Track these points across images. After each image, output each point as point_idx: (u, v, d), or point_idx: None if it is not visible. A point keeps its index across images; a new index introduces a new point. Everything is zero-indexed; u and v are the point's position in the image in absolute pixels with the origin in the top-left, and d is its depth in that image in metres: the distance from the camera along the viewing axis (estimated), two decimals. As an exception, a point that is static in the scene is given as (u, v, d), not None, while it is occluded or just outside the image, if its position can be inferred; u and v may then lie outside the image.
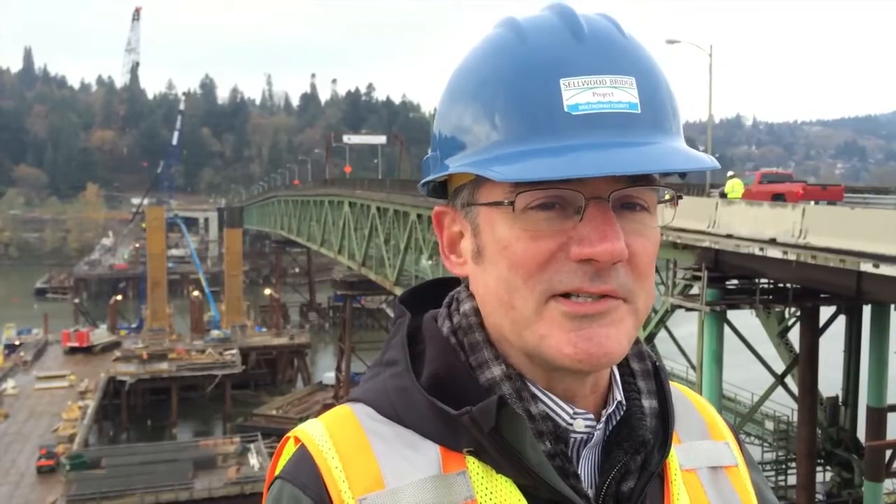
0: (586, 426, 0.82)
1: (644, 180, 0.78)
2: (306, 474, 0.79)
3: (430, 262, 31.77)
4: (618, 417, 0.85)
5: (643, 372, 0.88)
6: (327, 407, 48.09)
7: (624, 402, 0.85)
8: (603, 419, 0.83)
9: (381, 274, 37.79)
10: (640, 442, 0.83)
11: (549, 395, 0.82)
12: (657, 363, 0.90)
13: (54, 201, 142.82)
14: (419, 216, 31.57)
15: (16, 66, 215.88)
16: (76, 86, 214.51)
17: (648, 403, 0.86)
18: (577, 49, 0.77)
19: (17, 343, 57.06)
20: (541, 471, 0.77)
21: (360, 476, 0.78)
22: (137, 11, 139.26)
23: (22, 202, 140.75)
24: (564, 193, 0.76)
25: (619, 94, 0.75)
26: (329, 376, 52.25)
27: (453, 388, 0.82)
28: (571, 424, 0.81)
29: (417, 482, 0.77)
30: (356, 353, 47.07)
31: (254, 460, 34.67)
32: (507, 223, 0.78)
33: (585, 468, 0.83)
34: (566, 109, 0.74)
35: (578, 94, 0.75)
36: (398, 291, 36.92)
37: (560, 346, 0.76)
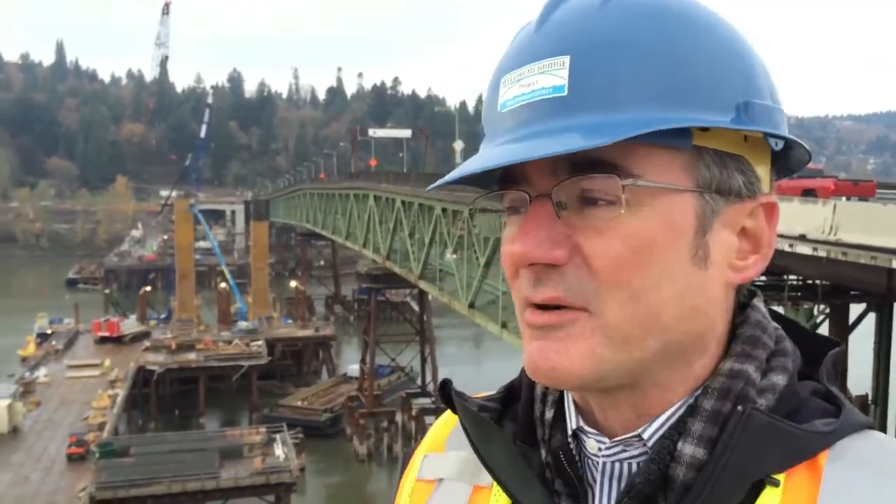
0: (598, 449, 0.73)
1: (588, 169, 0.66)
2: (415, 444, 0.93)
3: (454, 256, 31.77)
4: (637, 452, 0.72)
5: (711, 413, 0.69)
6: (352, 399, 48.66)
7: (644, 437, 0.71)
8: (609, 447, 0.73)
9: (406, 267, 37.88)
10: (629, 485, 0.71)
11: (574, 405, 0.76)
12: (748, 411, 0.66)
13: (85, 193, 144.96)
14: (444, 210, 31.57)
15: (48, 59, 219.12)
16: (107, 79, 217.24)
17: (690, 450, 0.67)
18: (530, 39, 0.70)
19: (48, 332, 58.03)
20: (498, 471, 0.75)
21: (435, 439, 0.88)
22: (167, 6, 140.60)
23: (53, 194, 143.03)
24: (516, 195, 0.71)
25: (544, 79, 0.67)
26: (353, 368, 52.53)
27: (517, 380, 0.84)
28: (570, 441, 0.75)
29: (463, 454, 0.82)
30: (380, 345, 47.25)
31: (279, 450, 34.98)
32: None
33: (606, 495, 0.74)
34: (499, 108, 0.70)
35: (509, 88, 0.69)
36: (422, 285, 37.00)
37: (525, 357, 0.72)
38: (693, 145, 0.67)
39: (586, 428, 0.74)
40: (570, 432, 0.75)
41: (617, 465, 0.72)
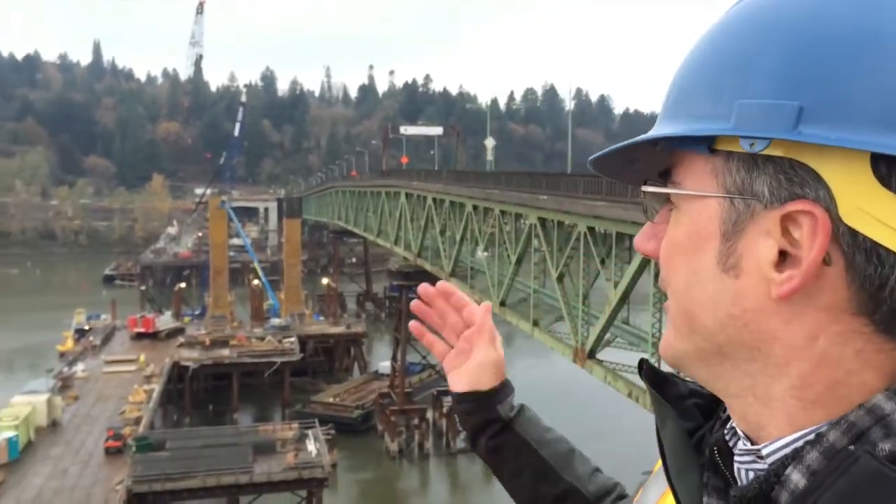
0: (741, 449, 0.71)
1: (652, 181, 0.76)
2: None
3: (485, 254, 31.73)
4: (763, 466, 0.69)
5: (829, 446, 0.62)
6: (383, 396, 48.99)
7: (763, 453, 0.68)
8: (742, 453, 0.71)
9: (437, 265, 37.92)
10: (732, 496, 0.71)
11: None
12: (857, 453, 0.59)
13: (122, 191, 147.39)
14: (475, 207, 31.54)
15: (85, 59, 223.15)
16: (143, 79, 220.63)
17: (796, 477, 0.62)
18: None
19: (86, 328, 59.11)
20: (666, 451, 0.76)
21: None
22: (201, 5, 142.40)
23: (91, 192, 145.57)
24: None
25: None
26: (385, 366, 52.75)
27: None
28: (726, 437, 0.74)
29: None
30: (411, 343, 47.36)
31: (311, 446, 35.25)
32: None
33: None
34: None
35: None
36: (453, 282, 36.96)
37: None
38: (718, 150, 0.67)
39: (738, 428, 0.73)
40: (727, 428, 0.75)
41: (752, 473, 0.70)
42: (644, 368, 0.82)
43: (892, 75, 0.60)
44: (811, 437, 0.64)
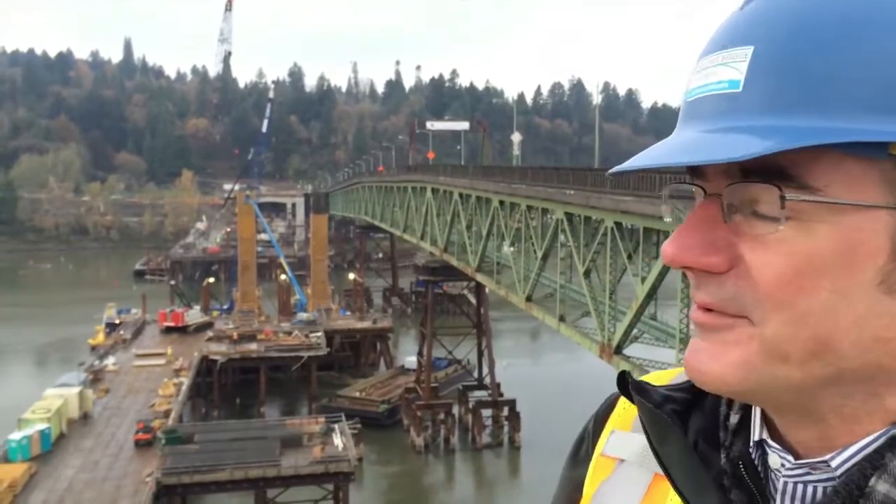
0: (781, 465, 0.66)
1: (758, 174, 0.58)
2: (605, 405, 0.90)
3: (511, 249, 31.61)
4: (823, 477, 0.64)
5: None
6: (409, 390, 49.08)
7: (833, 465, 0.62)
8: (793, 467, 0.65)
9: (463, 260, 37.89)
10: None
11: (761, 414, 0.69)
12: None
13: (152, 187, 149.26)
14: (501, 202, 31.42)
15: (116, 57, 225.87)
16: (172, 76, 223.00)
17: (884, 489, 0.58)
18: (731, 21, 0.62)
19: (117, 322, 59.95)
20: (672, 472, 0.70)
21: (624, 416, 0.85)
22: (230, 2, 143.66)
23: (122, 188, 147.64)
24: (687, 188, 0.66)
25: (723, 71, 0.60)
26: (411, 360, 52.86)
27: None
28: (751, 452, 0.70)
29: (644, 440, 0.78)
30: (437, 338, 47.40)
31: (338, 440, 35.42)
32: None
33: None
34: (685, 96, 0.64)
35: (694, 76, 0.63)
36: (479, 278, 36.97)
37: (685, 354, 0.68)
38: (892, 155, 0.55)
39: (770, 441, 0.67)
40: (752, 442, 0.69)
41: (800, 486, 0.64)
42: (629, 382, 0.74)
43: None
44: (881, 441, 0.60)
